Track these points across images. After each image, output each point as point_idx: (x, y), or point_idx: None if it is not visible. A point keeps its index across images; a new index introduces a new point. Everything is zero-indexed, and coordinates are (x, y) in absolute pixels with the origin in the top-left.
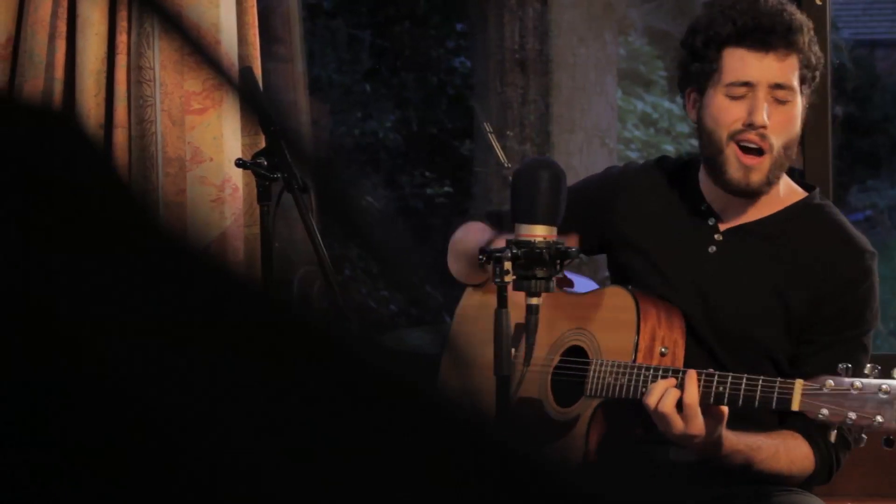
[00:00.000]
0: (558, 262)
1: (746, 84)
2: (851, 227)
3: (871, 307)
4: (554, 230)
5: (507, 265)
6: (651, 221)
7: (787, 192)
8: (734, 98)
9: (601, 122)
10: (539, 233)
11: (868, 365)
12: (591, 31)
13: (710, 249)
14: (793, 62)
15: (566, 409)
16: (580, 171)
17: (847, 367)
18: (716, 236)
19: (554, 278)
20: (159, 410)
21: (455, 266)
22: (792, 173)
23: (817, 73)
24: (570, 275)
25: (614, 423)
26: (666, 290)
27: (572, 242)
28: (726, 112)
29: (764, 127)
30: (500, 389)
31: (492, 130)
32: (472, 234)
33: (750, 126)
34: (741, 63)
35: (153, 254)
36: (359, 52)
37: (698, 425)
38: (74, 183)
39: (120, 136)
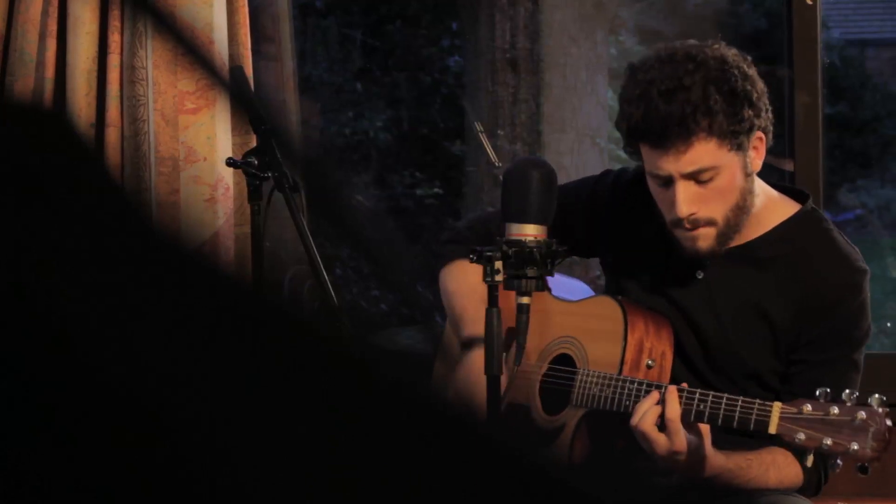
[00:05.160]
0: (549, 261)
1: (661, 176)
2: (843, 241)
3: (860, 326)
4: (545, 229)
5: (498, 264)
6: (641, 246)
7: (776, 208)
8: (660, 186)
9: (592, 121)
10: (530, 232)
11: (846, 391)
12: (583, 31)
13: (697, 275)
14: (702, 146)
15: (553, 417)
16: (571, 170)
17: (826, 392)
18: (704, 262)
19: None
20: (153, 407)
21: (447, 307)
22: (783, 177)
23: (753, 121)
24: (557, 276)
25: (598, 435)
26: None
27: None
28: (658, 198)
29: (692, 214)
30: (491, 390)
31: (482, 130)
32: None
33: (677, 220)
34: (650, 157)
35: (144, 253)
36: (350, 51)
37: (681, 441)
38: (63, 181)
39: (112, 135)
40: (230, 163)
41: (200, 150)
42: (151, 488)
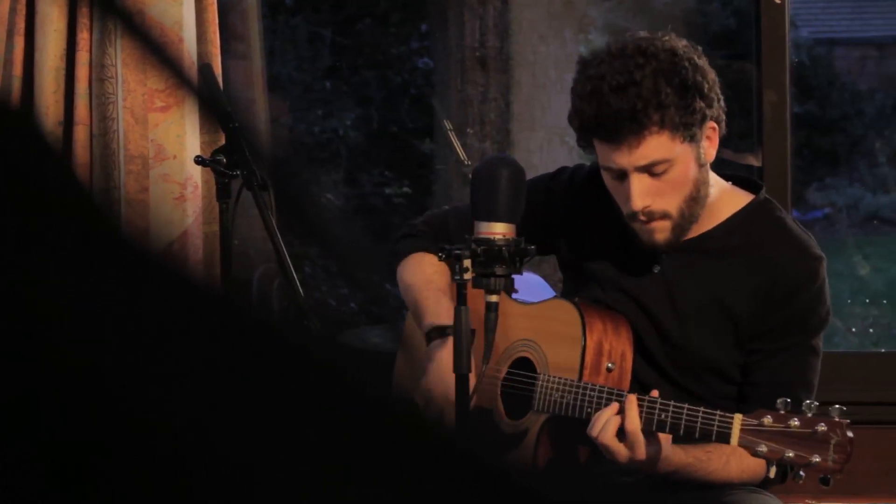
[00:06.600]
0: (518, 259)
1: (615, 170)
2: (798, 230)
3: (817, 313)
4: (513, 228)
5: (467, 263)
6: (597, 240)
7: (729, 199)
8: (614, 179)
9: (561, 119)
10: (499, 230)
11: (806, 401)
12: (552, 29)
13: (654, 269)
14: (654, 140)
15: (515, 421)
16: (540, 168)
17: (786, 402)
18: (660, 256)
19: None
20: (133, 409)
21: (406, 301)
22: (750, 170)
23: (705, 112)
24: (525, 273)
25: (562, 440)
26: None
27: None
28: (614, 192)
29: (646, 206)
30: (460, 388)
31: (451, 128)
32: (425, 277)
33: (632, 213)
34: (603, 152)
35: (112, 252)
36: (319, 49)
37: (641, 451)
38: (31, 179)
39: (81, 133)
40: (199, 161)
41: (170, 149)
42: (130, 490)
